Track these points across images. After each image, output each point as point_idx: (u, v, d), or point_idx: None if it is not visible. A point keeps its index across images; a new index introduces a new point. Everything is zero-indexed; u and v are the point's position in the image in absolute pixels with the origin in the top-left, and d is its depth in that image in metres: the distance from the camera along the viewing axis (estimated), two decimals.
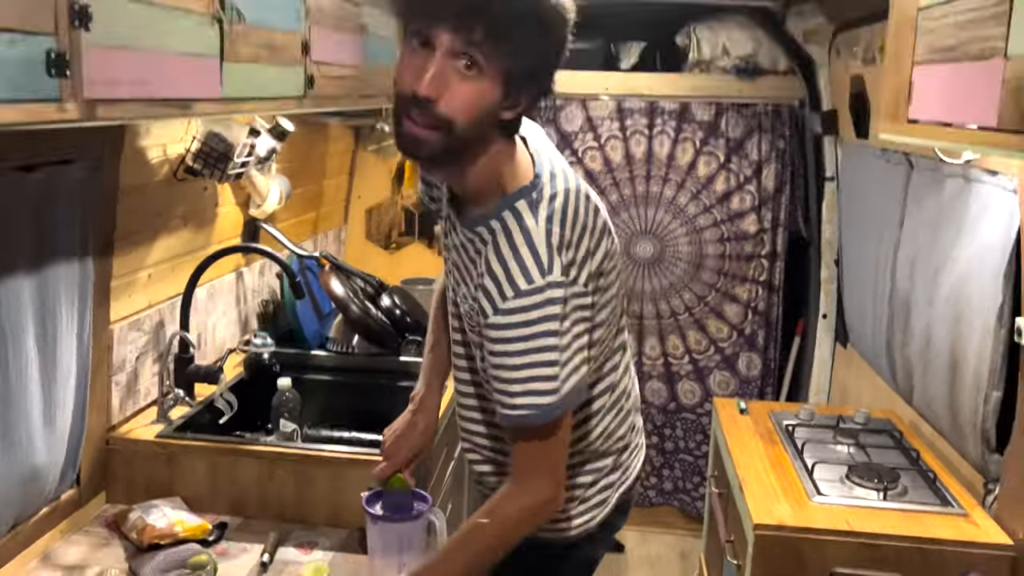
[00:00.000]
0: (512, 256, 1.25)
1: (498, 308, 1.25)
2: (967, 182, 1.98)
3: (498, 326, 1.25)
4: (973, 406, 1.91)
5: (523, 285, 1.24)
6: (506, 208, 1.28)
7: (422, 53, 1.17)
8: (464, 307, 1.38)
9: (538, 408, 1.27)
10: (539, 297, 1.24)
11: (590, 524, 1.52)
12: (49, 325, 1.56)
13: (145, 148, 1.84)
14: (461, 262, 1.38)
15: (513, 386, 1.26)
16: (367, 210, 3.44)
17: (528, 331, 1.24)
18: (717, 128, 3.20)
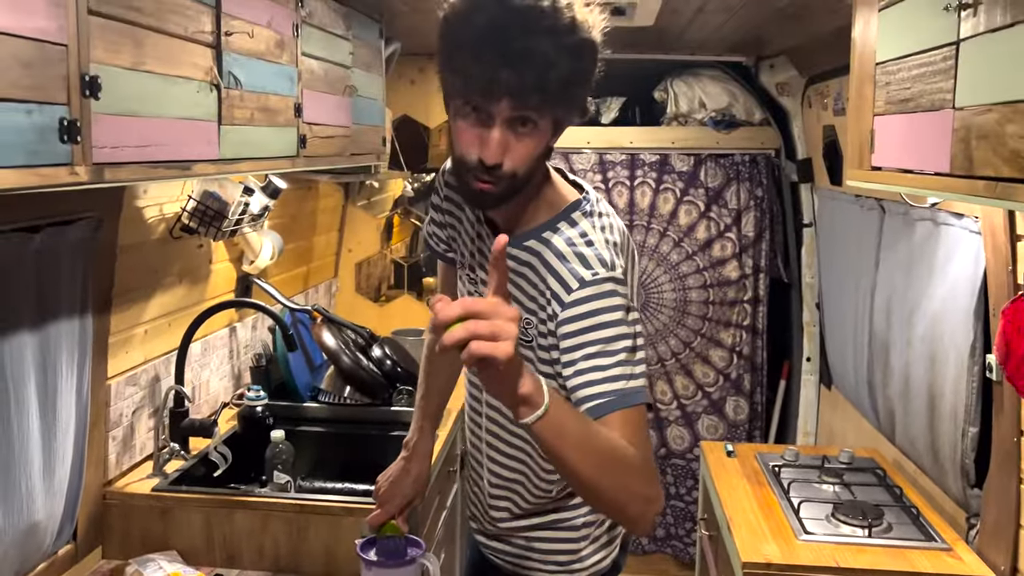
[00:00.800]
0: (573, 254, 1.29)
1: (566, 302, 1.26)
2: (935, 225, 2.06)
3: (570, 319, 1.26)
4: (952, 442, 1.96)
5: (587, 276, 1.26)
6: (562, 220, 1.33)
7: (479, 121, 1.23)
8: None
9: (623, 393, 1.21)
10: (603, 288, 1.25)
11: (602, 564, 1.54)
12: (50, 381, 1.60)
13: (143, 208, 1.90)
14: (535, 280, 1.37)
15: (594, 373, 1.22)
16: (357, 264, 3.50)
17: (603, 318, 1.24)
18: (696, 178, 3.30)
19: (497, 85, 1.18)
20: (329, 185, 3.09)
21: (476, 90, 1.20)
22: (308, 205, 2.97)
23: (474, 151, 1.24)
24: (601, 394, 1.21)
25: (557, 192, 1.38)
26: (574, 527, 1.51)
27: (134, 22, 1.19)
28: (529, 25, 1.16)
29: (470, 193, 1.28)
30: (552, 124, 1.26)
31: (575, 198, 1.37)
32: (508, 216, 1.38)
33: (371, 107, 2.39)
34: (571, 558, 1.52)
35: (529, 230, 1.36)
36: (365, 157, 2.36)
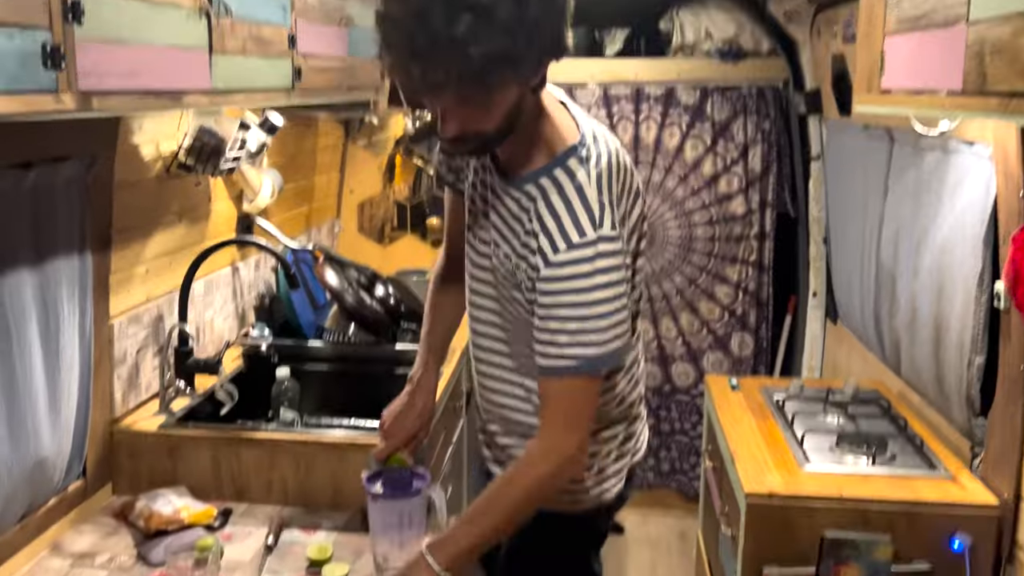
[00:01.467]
0: (565, 210, 1.29)
1: (550, 261, 1.28)
2: (945, 153, 2.02)
3: (551, 279, 1.28)
4: (958, 372, 1.96)
5: (575, 238, 1.27)
6: (557, 166, 1.32)
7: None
8: (506, 266, 1.39)
9: (584, 360, 1.28)
10: (591, 251, 1.27)
11: (606, 496, 1.56)
12: (52, 319, 1.60)
13: (138, 145, 1.87)
14: (501, 221, 1.39)
15: (561, 336, 1.28)
16: (359, 204, 3.47)
17: (583, 283, 1.27)
18: (703, 112, 3.24)
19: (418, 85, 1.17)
20: (328, 123, 3.05)
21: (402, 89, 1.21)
22: (307, 143, 2.93)
23: (435, 122, 1.26)
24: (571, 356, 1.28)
25: (555, 132, 1.35)
26: None
27: None
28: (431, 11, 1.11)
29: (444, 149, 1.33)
30: (510, 83, 1.21)
31: (572, 142, 1.34)
32: (507, 155, 1.38)
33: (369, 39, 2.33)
34: (574, 486, 1.53)
35: (527, 173, 1.35)
36: (363, 92, 2.31)
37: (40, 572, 1.57)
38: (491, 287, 1.47)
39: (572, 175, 1.31)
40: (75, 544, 1.67)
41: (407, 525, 1.60)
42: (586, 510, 1.55)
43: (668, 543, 3.38)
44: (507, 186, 1.38)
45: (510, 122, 1.28)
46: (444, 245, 1.72)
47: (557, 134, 1.35)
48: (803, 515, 1.80)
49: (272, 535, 1.71)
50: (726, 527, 2.03)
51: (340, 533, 1.76)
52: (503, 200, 1.39)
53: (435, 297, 1.72)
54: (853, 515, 1.79)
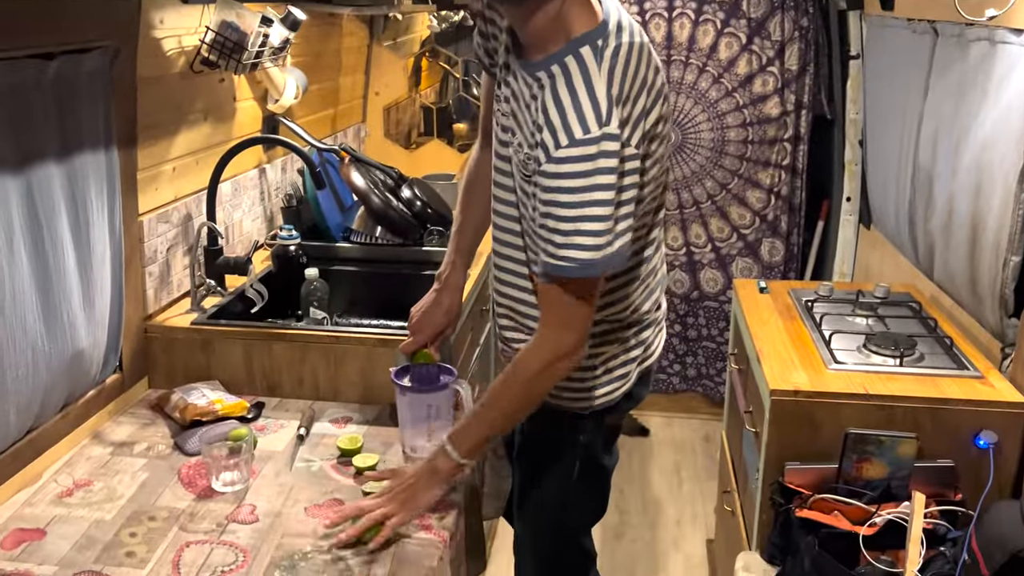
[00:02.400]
0: (571, 102, 1.23)
1: (551, 156, 1.24)
2: (992, 45, 1.93)
3: (551, 174, 1.24)
4: (992, 272, 1.92)
5: (578, 134, 1.22)
6: (570, 53, 1.26)
7: None
8: (519, 156, 1.36)
9: (578, 262, 1.26)
10: (593, 148, 1.22)
11: (613, 396, 1.57)
12: (81, 214, 1.61)
13: (161, 39, 1.85)
14: (518, 108, 1.35)
15: (557, 236, 1.26)
16: (385, 108, 3.43)
17: (581, 182, 1.22)
18: (738, 8, 3.12)
19: None
20: (352, 22, 2.98)
21: None
22: (332, 43, 2.88)
23: None
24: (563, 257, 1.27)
25: (576, 14, 1.28)
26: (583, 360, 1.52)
27: None
28: None
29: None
30: None
31: (591, 27, 1.27)
32: (525, 31, 1.31)
33: None
34: (583, 384, 1.54)
35: (541, 59, 1.29)
36: None
37: (81, 459, 1.63)
38: (510, 177, 1.45)
39: (583, 64, 1.25)
40: (114, 434, 1.73)
41: (434, 416, 1.64)
42: (593, 407, 1.57)
43: (693, 445, 3.43)
44: (523, 69, 1.33)
45: None
46: (479, 134, 1.68)
47: (577, 17, 1.28)
48: (827, 412, 1.80)
49: (304, 427, 1.76)
50: (750, 425, 2.05)
51: (370, 426, 1.80)
52: (519, 84, 1.34)
53: (466, 192, 1.71)
54: (878, 412, 1.79)
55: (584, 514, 1.71)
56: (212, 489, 1.54)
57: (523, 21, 1.30)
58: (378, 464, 1.63)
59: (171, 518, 1.45)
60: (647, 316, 1.58)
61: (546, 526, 1.69)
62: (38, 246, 1.50)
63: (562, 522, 1.68)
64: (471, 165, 1.71)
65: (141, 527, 1.42)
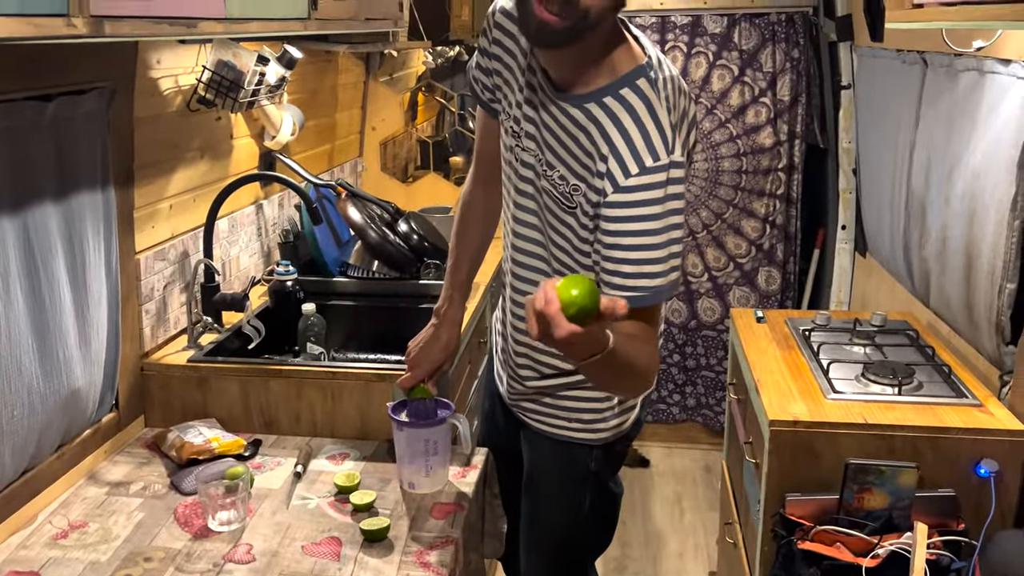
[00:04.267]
0: (639, 132, 1.24)
1: (620, 186, 1.24)
2: (981, 75, 1.96)
3: (619, 204, 1.24)
4: (988, 300, 1.92)
5: (649, 162, 1.23)
6: (625, 85, 1.26)
7: None
8: (560, 189, 1.34)
9: (648, 290, 1.25)
10: (663, 176, 1.23)
11: (624, 426, 1.58)
12: (78, 253, 1.61)
13: (158, 79, 1.86)
14: (556, 141, 1.34)
15: (625, 266, 1.25)
16: (381, 142, 3.45)
17: (652, 210, 1.23)
18: (730, 40, 3.16)
19: None
20: (349, 59, 3.01)
21: None
22: (328, 80, 2.91)
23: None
24: (638, 288, 1.24)
25: (622, 51, 1.29)
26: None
27: None
28: None
29: (533, 23, 1.20)
30: None
31: (639, 62, 1.28)
32: (567, 69, 1.31)
33: None
34: (595, 416, 1.54)
35: (590, 92, 1.29)
36: (381, 23, 2.28)
37: (77, 500, 1.62)
38: (535, 215, 1.43)
39: (644, 96, 1.26)
40: (110, 473, 1.72)
41: (432, 452, 1.63)
42: (605, 439, 1.57)
43: (694, 475, 3.41)
44: (564, 104, 1.31)
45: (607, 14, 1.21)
46: (472, 168, 1.68)
47: (624, 53, 1.29)
48: (827, 442, 1.80)
49: (301, 464, 1.75)
50: (750, 456, 2.04)
51: (367, 462, 1.79)
52: (559, 119, 1.33)
53: (461, 227, 1.71)
54: (878, 442, 1.78)
55: (595, 543, 1.71)
56: (208, 528, 1.53)
57: (566, 61, 1.30)
58: (375, 500, 1.62)
59: (167, 559, 1.44)
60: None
61: (557, 557, 1.69)
62: (34, 286, 1.50)
63: (573, 552, 1.68)
64: (464, 199, 1.71)
65: (137, 568, 1.41)
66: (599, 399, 1.54)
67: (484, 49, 1.50)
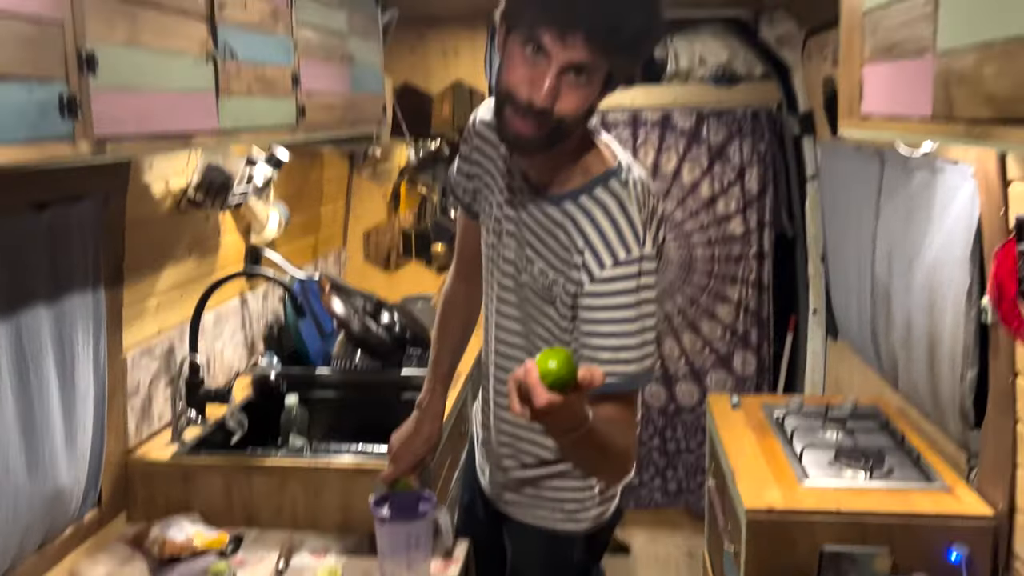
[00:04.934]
0: (611, 228, 1.32)
1: (595, 277, 1.31)
2: (932, 173, 2.07)
3: (595, 294, 1.31)
4: (951, 386, 1.99)
5: (621, 255, 1.30)
6: (599, 185, 1.35)
7: (535, 61, 1.23)
8: (540, 282, 1.42)
9: (625, 376, 1.31)
10: (635, 268, 1.30)
11: (605, 516, 1.60)
12: (67, 352, 1.65)
13: (149, 183, 1.94)
14: (535, 238, 1.42)
15: (603, 353, 1.31)
16: (365, 233, 3.54)
17: (625, 300, 1.30)
18: (699, 135, 3.31)
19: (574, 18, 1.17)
20: (334, 155, 3.12)
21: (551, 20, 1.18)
22: (313, 175, 3.00)
23: (524, 89, 1.24)
24: (613, 374, 1.27)
25: (594, 155, 1.39)
26: (581, 477, 1.55)
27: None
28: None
29: (510, 133, 1.29)
30: (605, 78, 1.26)
31: (611, 165, 1.38)
32: (544, 172, 1.40)
33: (369, 75, 2.41)
34: (577, 506, 1.57)
35: (566, 191, 1.37)
36: (366, 126, 2.38)
37: None
38: (516, 308, 1.50)
39: (615, 195, 1.34)
40: (91, 572, 1.72)
41: (414, 547, 1.64)
42: (587, 528, 1.59)
43: (677, 562, 3.39)
44: (542, 203, 1.40)
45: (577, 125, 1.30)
46: (454, 266, 1.76)
47: (596, 157, 1.39)
48: (802, 530, 1.83)
49: (283, 559, 1.75)
50: (729, 543, 2.07)
51: (349, 556, 1.80)
52: (537, 218, 1.41)
53: (443, 321, 1.77)
54: (851, 528, 1.82)
55: None
56: None
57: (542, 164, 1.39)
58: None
59: None
60: None
61: None
62: (24, 386, 1.53)
63: None
64: (446, 295, 1.78)
65: None
66: (581, 488, 1.56)
67: (465, 155, 1.59)
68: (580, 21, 1.17)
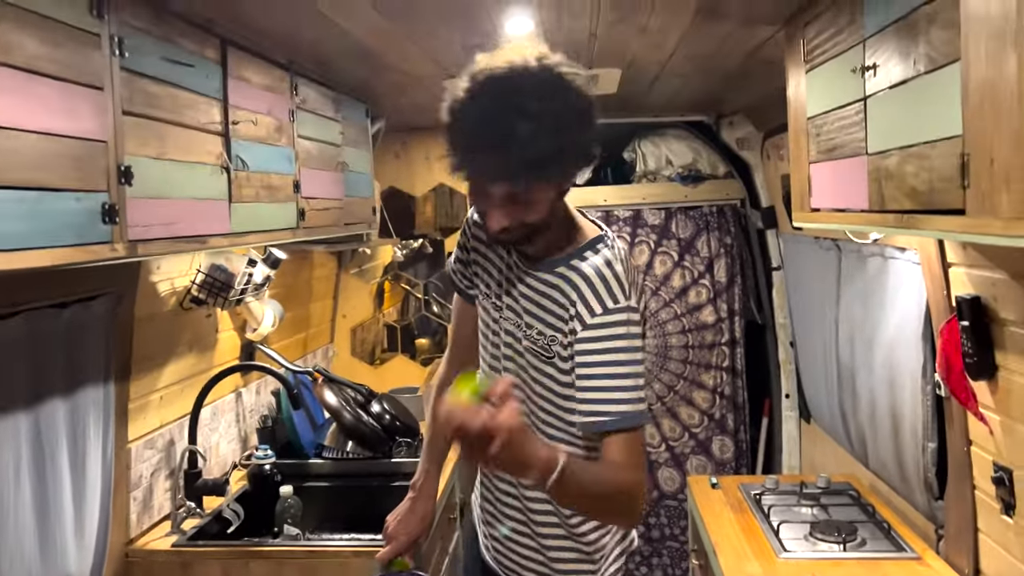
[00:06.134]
0: (600, 281, 1.44)
1: (587, 324, 1.42)
2: (884, 259, 2.25)
3: (588, 339, 1.42)
4: (915, 458, 2.11)
5: (610, 304, 1.42)
6: (588, 250, 1.49)
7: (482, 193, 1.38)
8: (539, 343, 1.53)
9: (620, 415, 1.39)
10: (623, 316, 1.42)
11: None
12: (79, 443, 1.74)
13: (156, 282, 2.07)
14: (531, 303, 1.54)
15: (599, 393, 1.40)
16: (352, 328, 3.66)
17: (617, 344, 1.41)
18: (669, 230, 3.50)
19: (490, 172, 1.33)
20: (323, 254, 3.27)
21: (473, 174, 1.35)
22: (304, 274, 3.15)
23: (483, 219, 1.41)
24: (608, 413, 1.38)
25: (581, 228, 1.54)
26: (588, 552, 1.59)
27: (157, 118, 1.38)
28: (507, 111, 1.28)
29: (492, 237, 1.46)
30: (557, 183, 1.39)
31: (598, 233, 1.53)
32: (537, 247, 1.53)
33: (361, 180, 2.59)
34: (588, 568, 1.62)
35: (559, 258, 1.51)
36: (358, 226, 2.54)
37: None
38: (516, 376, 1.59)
39: (603, 256, 1.48)
40: None
41: None
42: None
43: None
44: (536, 272, 1.54)
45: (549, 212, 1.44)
46: (448, 352, 1.86)
47: (583, 227, 1.54)
48: None
49: None
50: None
51: None
52: (532, 286, 1.54)
53: (437, 405, 1.87)
54: None
55: None
56: None
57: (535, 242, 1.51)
58: None
59: None
60: None
61: None
62: (40, 476, 1.61)
63: None
64: (440, 379, 1.88)
65: None
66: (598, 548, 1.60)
67: (463, 246, 1.75)
68: (496, 172, 1.31)
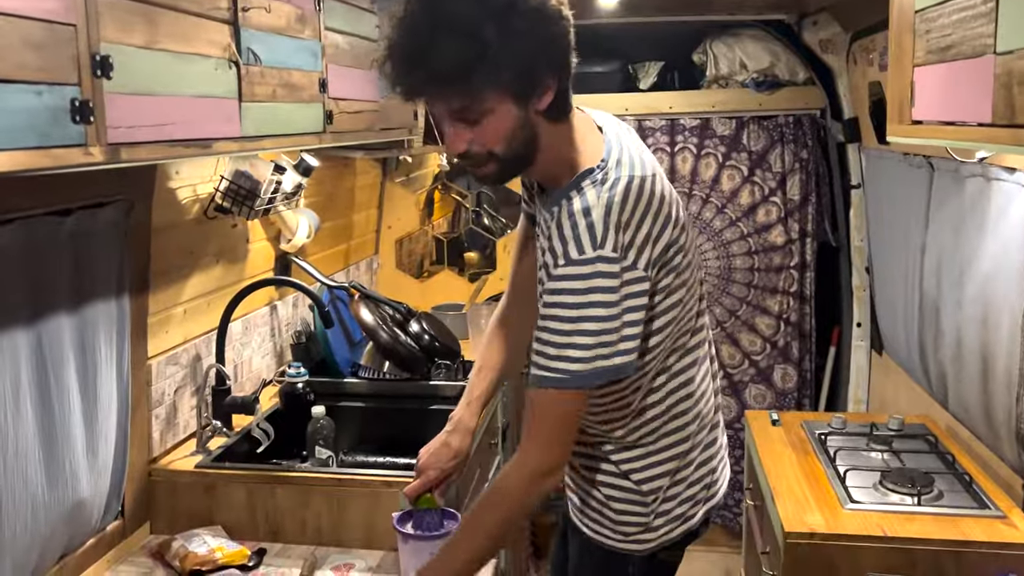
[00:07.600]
0: (569, 228, 1.31)
1: (551, 275, 1.31)
2: (987, 181, 1.97)
3: (550, 291, 1.31)
4: (1006, 406, 1.89)
5: (574, 255, 1.29)
6: (573, 187, 1.35)
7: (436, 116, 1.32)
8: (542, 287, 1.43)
9: (568, 374, 1.29)
10: (588, 268, 1.28)
11: (670, 535, 1.53)
12: (89, 363, 1.63)
13: (176, 189, 1.92)
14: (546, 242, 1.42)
15: (549, 348, 1.30)
16: (397, 240, 3.51)
17: (572, 299, 1.29)
18: (739, 142, 3.22)
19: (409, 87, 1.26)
20: (366, 162, 3.09)
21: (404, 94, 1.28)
22: (345, 182, 2.98)
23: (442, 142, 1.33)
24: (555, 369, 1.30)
25: (579, 155, 1.38)
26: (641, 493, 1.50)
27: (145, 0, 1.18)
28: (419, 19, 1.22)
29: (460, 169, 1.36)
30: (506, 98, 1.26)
31: (592, 164, 1.36)
32: (541, 177, 1.44)
33: None
34: (638, 529, 1.50)
35: (557, 192, 1.38)
36: (396, 132, 2.35)
37: None
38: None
39: (583, 195, 1.33)
40: None
41: None
42: (649, 549, 1.52)
43: None
44: (547, 205, 1.41)
45: (524, 145, 1.32)
46: (508, 290, 1.74)
47: (581, 157, 1.37)
48: (845, 556, 1.75)
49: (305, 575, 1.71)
50: (767, 567, 1.98)
51: (373, 573, 1.75)
52: (545, 219, 1.42)
53: (491, 339, 1.73)
54: (898, 556, 1.73)
55: None
56: None
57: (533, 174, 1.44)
58: None
59: None
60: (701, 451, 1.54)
61: None
62: (44, 398, 1.51)
63: None
64: (497, 314, 1.73)
65: None
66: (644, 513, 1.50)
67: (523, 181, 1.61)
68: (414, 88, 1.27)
